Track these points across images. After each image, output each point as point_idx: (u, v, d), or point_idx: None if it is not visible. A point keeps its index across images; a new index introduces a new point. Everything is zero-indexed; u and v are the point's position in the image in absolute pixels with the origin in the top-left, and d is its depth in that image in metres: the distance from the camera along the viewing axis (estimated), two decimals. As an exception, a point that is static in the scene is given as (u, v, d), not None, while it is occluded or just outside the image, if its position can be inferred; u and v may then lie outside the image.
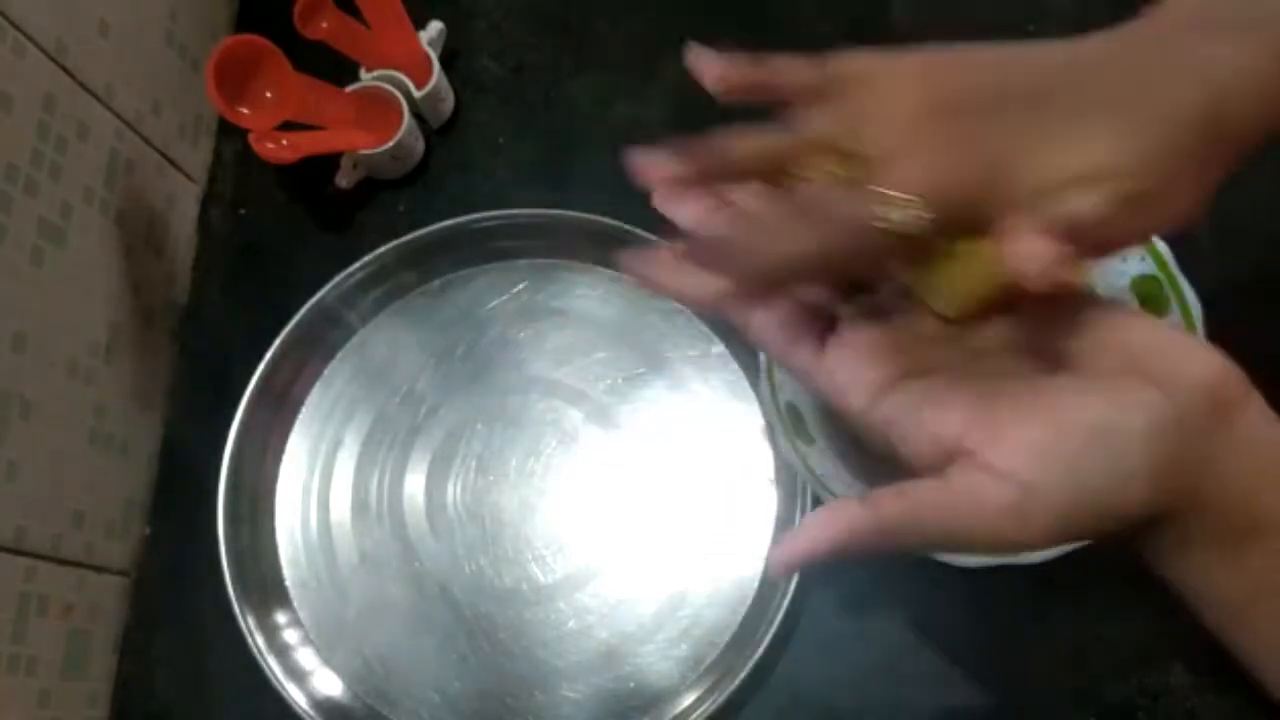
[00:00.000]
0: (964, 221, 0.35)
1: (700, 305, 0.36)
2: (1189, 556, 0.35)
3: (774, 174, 0.38)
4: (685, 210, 0.39)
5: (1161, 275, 0.53)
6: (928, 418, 0.35)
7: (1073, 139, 0.35)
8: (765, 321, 0.39)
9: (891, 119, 0.36)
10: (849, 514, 0.35)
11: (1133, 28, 0.37)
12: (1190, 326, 0.52)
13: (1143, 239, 0.36)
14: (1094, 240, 0.35)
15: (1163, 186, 0.35)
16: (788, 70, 0.39)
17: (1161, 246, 0.53)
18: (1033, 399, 0.34)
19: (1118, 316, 0.36)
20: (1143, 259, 0.54)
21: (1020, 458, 0.33)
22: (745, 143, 0.38)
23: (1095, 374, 0.35)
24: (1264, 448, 0.34)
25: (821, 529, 0.36)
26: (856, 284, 0.39)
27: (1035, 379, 0.36)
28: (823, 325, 0.39)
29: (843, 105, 0.37)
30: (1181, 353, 0.34)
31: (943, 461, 0.35)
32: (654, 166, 0.36)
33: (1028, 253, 0.33)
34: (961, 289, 0.37)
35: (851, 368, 0.37)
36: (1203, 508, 0.33)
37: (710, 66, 0.39)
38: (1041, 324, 0.36)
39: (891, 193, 0.34)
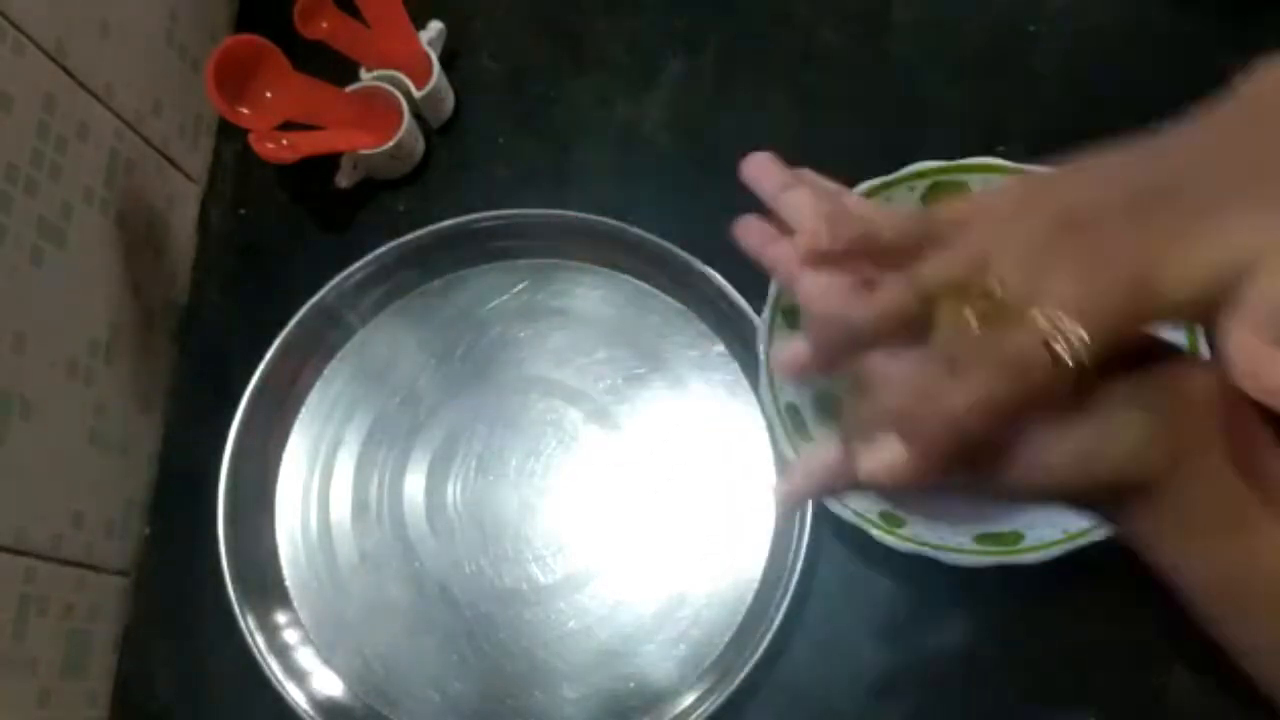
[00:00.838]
0: (1128, 333, 0.33)
1: (896, 479, 0.35)
2: (1173, 536, 0.35)
3: (907, 333, 0.36)
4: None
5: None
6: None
7: (1219, 228, 0.32)
8: (817, 286, 0.39)
9: (1018, 248, 0.34)
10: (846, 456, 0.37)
11: (1224, 113, 0.35)
12: (1191, 337, 0.53)
13: None
14: None
15: None
16: (888, 225, 0.38)
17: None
18: None
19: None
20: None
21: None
22: (873, 311, 0.36)
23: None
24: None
25: (818, 466, 0.38)
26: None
27: None
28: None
29: (959, 244, 0.36)
30: (1196, 361, 0.35)
31: None
32: (787, 355, 0.36)
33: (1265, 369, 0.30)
34: None
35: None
36: (1189, 488, 0.34)
37: (818, 232, 0.38)
38: None
39: (1054, 316, 0.32)
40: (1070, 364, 0.32)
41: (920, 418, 0.34)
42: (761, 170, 0.45)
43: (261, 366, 0.64)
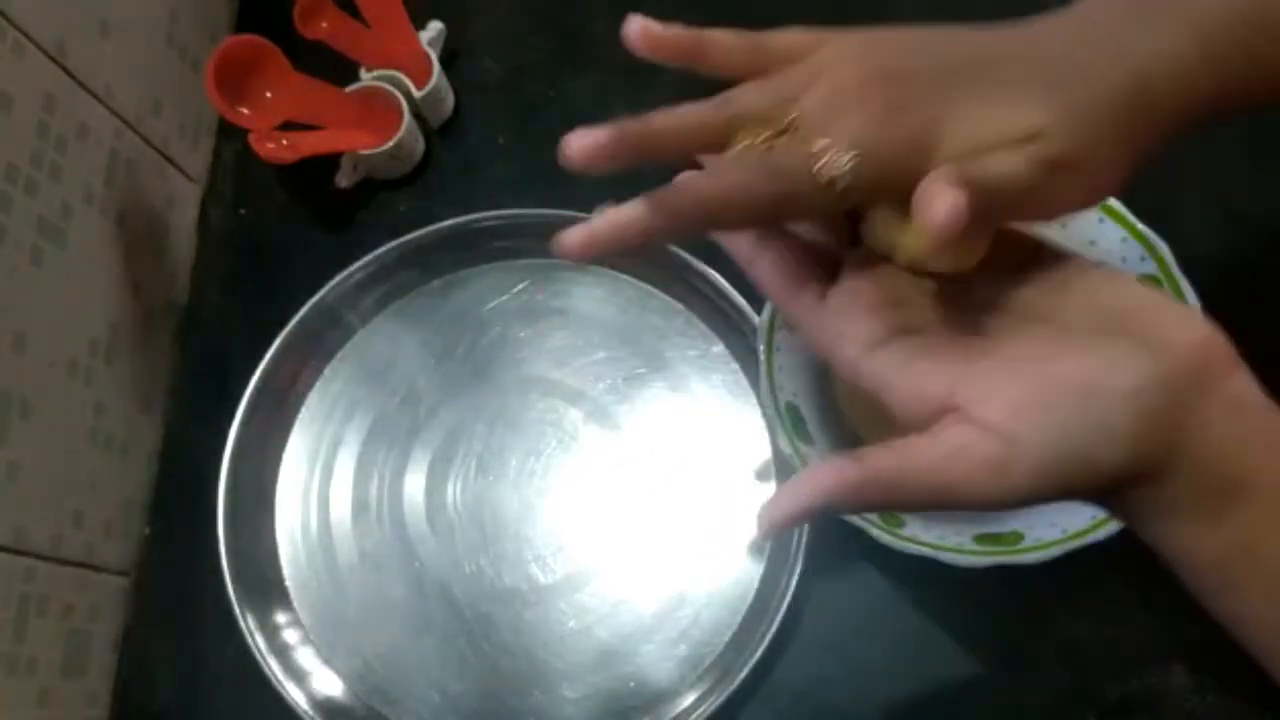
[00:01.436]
0: (899, 181, 0.36)
1: (633, 237, 0.36)
2: (1170, 519, 0.35)
3: (706, 148, 0.39)
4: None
5: (1162, 275, 0.53)
6: (918, 372, 0.37)
7: (1003, 105, 0.36)
8: (769, 265, 0.40)
9: (828, 86, 0.37)
10: (837, 469, 0.36)
11: (1068, 12, 0.39)
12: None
13: (1063, 210, 0.38)
14: (1016, 204, 0.36)
15: (1084, 153, 0.36)
16: (720, 41, 0.40)
17: (1162, 247, 0.53)
18: (1021, 356, 0.36)
19: (1109, 277, 0.37)
20: (1143, 259, 0.54)
21: (1005, 412, 0.34)
22: (676, 117, 0.38)
23: (1084, 331, 0.36)
24: (1248, 413, 0.34)
25: (810, 485, 0.36)
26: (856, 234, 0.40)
27: (1027, 336, 0.37)
28: (826, 274, 0.40)
29: (779, 79, 0.38)
30: (1170, 316, 0.35)
31: (931, 417, 0.36)
32: (583, 139, 0.36)
33: (931, 200, 0.34)
34: (902, 244, 0.38)
35: (849, 318, 0.38)
36: (1185, 469, 0.34)
37: (638, 25, 0.40)
38: (1035, 281, 0.38)
39: (824, 144, 0.35)
40: (825, 182, 0.35)
41: (673, 190, 0.36)
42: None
43: (261, 366, 0.64)
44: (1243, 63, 0.38)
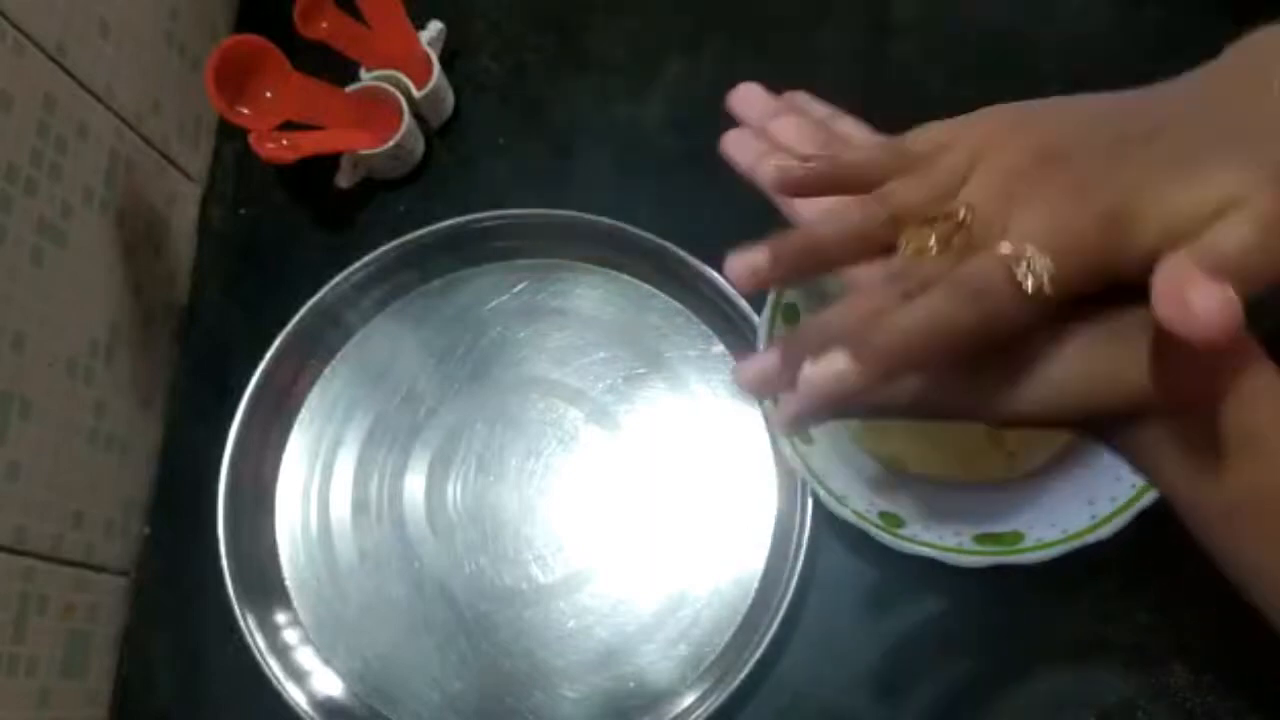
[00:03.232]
0: (1095, 274, 0.33)
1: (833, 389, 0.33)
2: (1180, 458, 0.34)
3: (869, 256, 0.36)
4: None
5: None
6: None
7: (1196, 175, 0.32)
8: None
9: (992, 175, 0.34)
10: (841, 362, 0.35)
11: (1219, 65, 0.36)
12: None
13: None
14: (1240, 276, 0.31)
15: None
16: (857, 163, 0.37)
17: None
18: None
19: None
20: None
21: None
22: (834, 227, 0.36)
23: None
24: (1267, 374, 0.34)
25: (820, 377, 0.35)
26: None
27: None
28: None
29: (933, 170, 0.36)
30: None
31: None
32: (743, 264, 0.35)
33: (1186, 295, 0.29)
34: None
35: None
36: (1205, 411, 0.33)
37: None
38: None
39: (1011, 247, 0.32)
40: (1031, 292, 0.32)
41: (868, 334, 0.33)
42: (749, 101, 0.44)
43: (261, 366, 0.64)
44: None
